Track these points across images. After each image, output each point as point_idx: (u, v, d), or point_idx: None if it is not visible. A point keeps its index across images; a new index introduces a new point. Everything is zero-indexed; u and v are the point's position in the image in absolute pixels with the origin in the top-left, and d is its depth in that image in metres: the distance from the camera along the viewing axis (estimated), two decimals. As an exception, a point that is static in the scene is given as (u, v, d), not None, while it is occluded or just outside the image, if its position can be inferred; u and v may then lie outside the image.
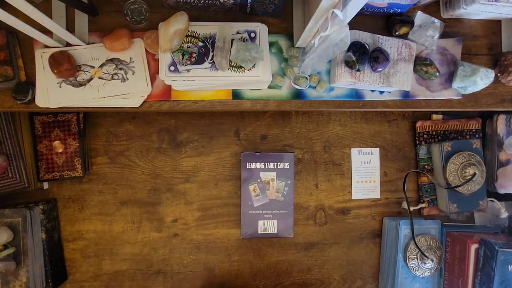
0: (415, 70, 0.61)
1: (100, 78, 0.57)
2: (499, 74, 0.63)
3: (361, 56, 0.55)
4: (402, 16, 0.59)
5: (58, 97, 0.56)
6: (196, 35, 0.52)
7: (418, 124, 0.78)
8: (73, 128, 0.69)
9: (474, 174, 0.71)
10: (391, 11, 0.59)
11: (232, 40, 0.52)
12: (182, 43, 0.52)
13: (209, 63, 0.52)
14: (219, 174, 0.76)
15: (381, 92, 0.62)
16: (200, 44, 0.52)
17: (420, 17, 0.60)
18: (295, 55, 0.59)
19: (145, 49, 0.57)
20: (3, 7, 0.43)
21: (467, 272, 0.69)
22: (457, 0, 0.59)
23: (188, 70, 0.52)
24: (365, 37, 0.57)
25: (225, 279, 0.76)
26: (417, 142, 0.78)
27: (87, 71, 0.56)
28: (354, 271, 0.79)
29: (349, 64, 0.56)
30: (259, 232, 0.73)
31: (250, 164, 0.73)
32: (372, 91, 0.62)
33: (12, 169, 0.64)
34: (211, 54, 0.52)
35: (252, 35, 0.53)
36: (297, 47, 0.59)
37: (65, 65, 0.53)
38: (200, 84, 0.54)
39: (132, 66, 0.57)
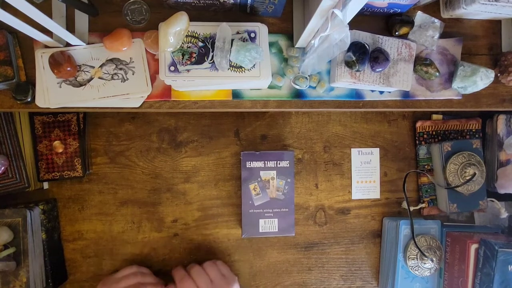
0: (415, 70, 0.61)
1: (100, 78, 0.57)
2: (499, 74, 0.63)
3: (361, 56, 0.55)
4: (402, 16, 0.59)
5: (58, 97, 0.56)
6: (196, 35, 0.52)
7: (418, 124, 0.78)
8: (73, 128, 0.69)
9: (474, 174, 0.71)
10: (391, 11, 0.59)
11: (232, 40, 0.52)
12: (182, 43, 0.52)
13: (209, 63, 0.52)
14: (219, 174, 0.76)
15: (381, 92, 0.62)
16: (200, 44, 0.52)
17: (420, 17, 0.60)
18: (295, 55, 0.59)
19: (145, 49, 0.57)
20: (3, 7, 0.43)
21: (467, 272, 0.69)
22: (457, 0, 0.59)
23: (188, 70, 0.52)
24: (365, 37, 0.57)
25: (225, 279, 0.76)
26: (417, 142, 0.79)
27: (87, 71, 0.56)
28: (354, 271, 0.79)
29: (349, 64, 0.56)
30: (260, 231, 0.73)
31: (250, 163, 0.73)
32: (372, 91, 0.62)
33: (12, 169, 0.64)
34: (211, 54, 0.52)
35: (252, 35, 0.53)
36: (297, 47, 0.59)
37: (65, 65, 0.53)
38: (200, 84, 0.54)
39: (132, 66, 0.57)
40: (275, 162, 0.73)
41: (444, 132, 0.78)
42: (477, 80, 0.60)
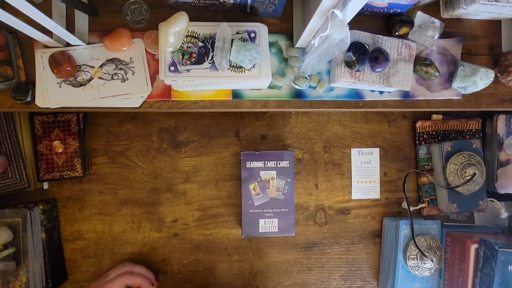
0: (415, 70, 0.61)
1: (100, 78, 0.57)
2: (499, 74, 0.63)
3: (361, 56, 0.55)
4: (402, 16, 0.59)
5: (58, 97, 0.56)
6: (196, 35, 0.52)
7: (418, 124, 0.78)
8: (73, 128, 0.69)
9: (474, 174, 0.71)
10: (391, 11, 0.59)
11: (232, 40, 0.52)
12: (182, 43, 0.52)
13: (209, 63, 0.52)
14: (219, 174, 0.76)
15: (381, 92, 0.62)
16: (200, 44, 0.52)
17: (420, 17, 0.60)
18: (295, 55, 0.59)
19: (145, 49, 0.57)
20: (3, 7, 0.43)
21: (467, 272, 0.69)
22: (457, 0, 0.59)
23: (188, 70, 0.52)
24: (365, 37, 0.57)
25: (225, 279, 0.76)
26: (417, 142, 0.79)
27: (87, 71, 0.56)
28: (354, 271, 0.79)
29: (349, 64, 0.56)
30: (260, 231, 0.73)
31: (250, 163, 0.73)
32: (372, 91, 0.62)
33: (12, 169, 0.64)
34: (211, 54, 0.52)
35: (252, 35, 0.53)
36: (297, 47, 0.59)
37: (65, 65, 0.53)
38: (200, 84, 0.54)
39: (132, 66, 0.57)
40: (275, 162, 0.73)
41: (444, 132, 0.78)
42: (477, 80, 0.60)
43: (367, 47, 0.56)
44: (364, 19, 0.60)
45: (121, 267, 0.68)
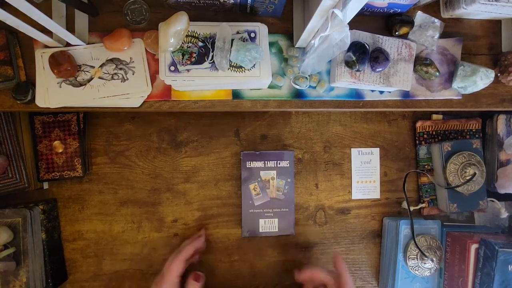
0: (415, 70, 0.61)
1: (100, 78, 0.57)
2: (499, 74, 0.63)
3: (361, 56, 0.55)
4: (402, 16, 0.59)
5: (58, 97, 0.56)
6: (196, 35, 0.52)
7: (418, 124, 0.78)
8: (73, 128, 0.69)
9: (474, 174, 0.71)
10: (391, 11, 0.59)
11: (232, 40, 0.52)
12: (182, 43, 0.52)
13: (209, 63, 0.52)
14: (219, 174, 0.76)
15: (381, 92, 0.62)
16: (200, 44, 0.52)
17: (420, 17, 0.60)
18: (295, 55, 0.59)
19: (145, 49, 0.57)
20: (3, 7, 0.43)
21: (467, 272, 0.69)
22: (457, 0, 0.59)
23: (188, 70, 0.52)
24: (365, 37, 0.57)
25: (225, 279, 0.76)
26: (417, 142, 0.79)
27: (87, 71, 0.56)
28: (354, 271, 0.79)
29: (349, 64, 0.56)
30: (260, 230, 0.73)
31: (250, 163, 0.73)
32: (372, 91, 0.62)
33: (12, 169, 0.64)
34: (211, 54, 0.52)
35: (252, 35, 0.53)
36: (297, 47, 0.59)
37: (65, 65, 0.53)
38: (200, 84, 0.55)
39: (132, 66, 0.57)
40: (275, 162, 0.73)
41: (444, 132, 0.78)
42: (477, 80, 0.60)
43: (367, 47, 0.56)
44: (364, 19, 0.60)
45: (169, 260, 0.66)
